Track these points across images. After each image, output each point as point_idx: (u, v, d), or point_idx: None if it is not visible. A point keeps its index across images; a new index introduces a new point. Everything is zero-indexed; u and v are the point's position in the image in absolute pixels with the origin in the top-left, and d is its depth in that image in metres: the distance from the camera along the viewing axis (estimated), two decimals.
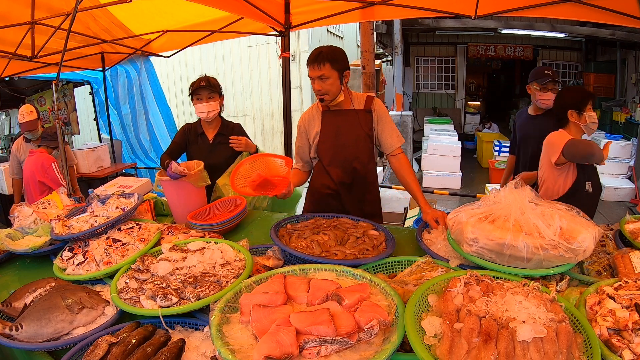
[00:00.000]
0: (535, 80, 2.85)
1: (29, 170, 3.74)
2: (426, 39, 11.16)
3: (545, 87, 2.81)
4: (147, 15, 3.91)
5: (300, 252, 1.60)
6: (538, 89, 2.84)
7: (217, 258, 1.56)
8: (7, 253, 1.96)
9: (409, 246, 1.91)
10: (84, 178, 5.44)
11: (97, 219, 1.89)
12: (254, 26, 4.03)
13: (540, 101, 2.86)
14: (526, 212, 1.40)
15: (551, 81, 2.79)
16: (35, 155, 3.74)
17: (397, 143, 2.26)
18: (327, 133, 2.25)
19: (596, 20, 3.03)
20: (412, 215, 4.49)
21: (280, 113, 5.07)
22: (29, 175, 3.72)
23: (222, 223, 2.07)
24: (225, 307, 1.21)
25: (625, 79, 8.97)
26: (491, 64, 12.65)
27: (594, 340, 1.04)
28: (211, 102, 2.56)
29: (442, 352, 1.02)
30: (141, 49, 4.89)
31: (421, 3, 3.37)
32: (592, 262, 1.51)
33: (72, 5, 2.60)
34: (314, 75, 2.08)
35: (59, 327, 1.31)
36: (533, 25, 8.73)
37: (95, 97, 6.29)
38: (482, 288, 1.22)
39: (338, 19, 3.68)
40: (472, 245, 1.40)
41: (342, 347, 1.04)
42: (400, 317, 1.13)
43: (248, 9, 3.21)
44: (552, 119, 2.84)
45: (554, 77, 2.80)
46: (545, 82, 2.79)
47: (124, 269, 1.57)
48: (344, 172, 2.26)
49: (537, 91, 2.86)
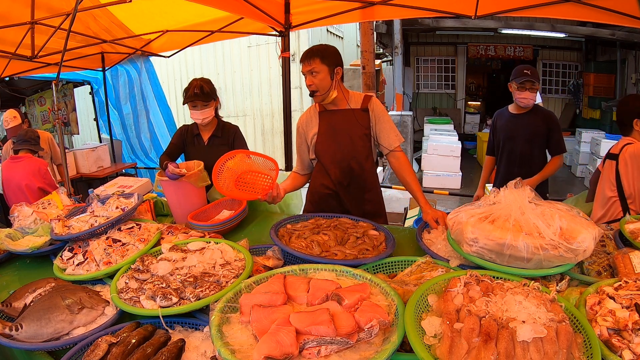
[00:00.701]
0: (514, 79, 2.89)
1: (22, 175, 3.57)
2: (426, 39, 11.15)
3: (523, 86, 2.84)
4: (147, 15, 3.91)
5: (300, 252, 1.60)
6: (516, 88, 2.88)
7: (217, 258, 1.56)
8: (7, 253, 1.96)
9: (409, 246, 1.91)
10: (84, 178, 5.44)
11: (97, 219, 1.89)
12: (254, 26, 4.03)
13: (518, 99, 2.91)
14: (526, 212, 1.40)
15: (528, 80, 2.82)
16: (24, 160, 3.62)
17: (395, 142, 2.26)
18: (324, 133, 2.25)
19: (596, 20, 3.03)
20: (412, 215, 4.49)
21: (280, 113, 5.07)
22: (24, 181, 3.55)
23: (222, 223, 2.07)
24: (225, 307, 1.21)
25: (625, 79, 8.97)
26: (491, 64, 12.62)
27: (594, 340, 1.04)
28: (205, 109, 2.54)
29: (442, 352, 1.02)
30: (141, 49, 4.89)
31: (421, 3, 3.38)
32: (592, 262, 1.51)
33: (72, 5, 2.60)
34: (305, 71, 2.13)
35: (59, 327, 1.31)
36: (533, 25, 8.73)
37: (95, 97, 6.30)
38: (482, 288, 1.22)
39: (338, 19, 3.68)
40: (472, 245, 1.40)
41: (342, 347, 1.04)
42: (400, 317, 1.13)
43: (248, 9, 3.21)
44: (538, 117, 2.94)
45: (532, 77, 2.82)
46: (523, 80, 2.83)
47: (124, 269, 1.57)
48: (342, 171, 2.26)
49: (515, 90, 2.90)
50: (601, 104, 9.03)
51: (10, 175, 3.63)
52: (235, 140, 2.65)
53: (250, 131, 8.90)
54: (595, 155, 7.00)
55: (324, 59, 2.11)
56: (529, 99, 2.87)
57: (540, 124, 2.95)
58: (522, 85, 2.84)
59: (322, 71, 2.11)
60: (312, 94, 2.17)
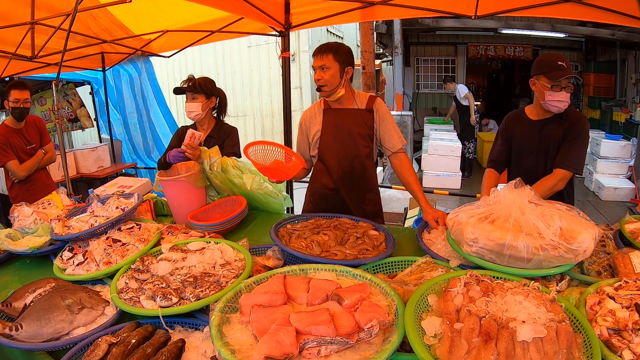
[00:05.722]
0: (545, 75, 2.07)
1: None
2: (426, 39, 11.15)
3: (558, 84, 2.04)
4: (147, 15, 3.91)
5: (300, 252, 1.60)
6: (549, 87, 2.06)
7: (217, 258, 1.56)
8: (7, 253, 1.96)
9: (409, 246, 1.91)
10: (84, 178, 5.44)
11: (97, 219, 1.89)
12: (254, 26, 4.03)
13: (550, 103, 2.09)
14: (526, 213, 1.40)
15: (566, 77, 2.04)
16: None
17: (399, 144, 2.27)
18: (328, 131, 2.25)
19: (596, 20, 3.03)
20: (412, 215, 4.49)
21: (280, 113, 5.08)
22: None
23: (222, 223, 2.06)
24: (225, 307, 1.21)
25: (625, 79, 8.97)
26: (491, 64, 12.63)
27: (594, 340, 1.04)
28: (193, 102, 2.52)
29: (442, 352, 1.02)
30: (141, 49, 4.89)
31: (421, 3, 3.37)
32: (592, 262, 1.51)
33: (72, 5, 2.59)
34: (316, 65, 2.14)
35: (59, 327, 1.31)
36: (533, 25, 8.73)
37: (95, 97, 6.29)
38: (482, 288, 1.22)
39: (338, 19, 3.68)
40: (472, 245, 1.40)
41: (342, 347, 1.04)
42: (400, 317, 1.13)
43: (248, 9, 3.21)
44: (569, 123, 2.15)
45: (570, 72, 2.04)
46: (559, 78, 2.03)
47: (124, 269, 1.57)
48: (344, 170, 2.26)
49: (546, 89, 2.08)
50: (601, 104, 9.03)
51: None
52: (227, 139, 2.62)
53: (250, 131, 8.91)
54: (595, 155, 6.99)
55: (337, 56, 2.12)
56: (565, 102, 2.07)
57: (560, 135, 2.18)
58: (557, 84, 2.04)
59: (333, 68, 2.12)
60: (319, 89, 2.17)
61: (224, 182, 2.31)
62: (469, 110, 7.60)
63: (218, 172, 2.27)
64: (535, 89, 2.16)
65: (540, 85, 2.11)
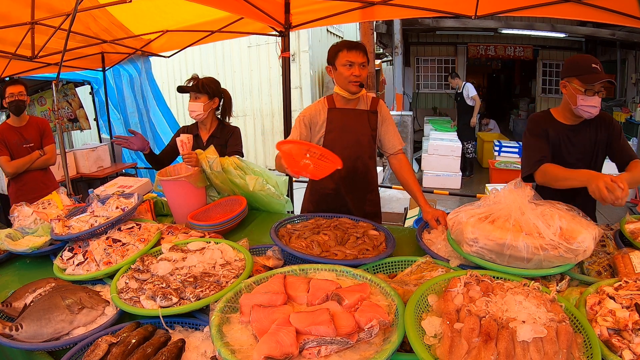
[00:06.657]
0: (578, 77, 1.90)
1: None
2: (426, 39, 11.15)
3: (592, 88, 1.88)
4: (147, 15, 3.91)
5: (300, 252, 1.60)
6: (582, 91, 1.89)
7: (217, 258, 1.56)
8: (7, 253, 1.96)
9: (409, 246, 1.91)
10: (84, 178, 5.44)
11: (97, 219, 1.89)
12: (254, 26, 4.03)
13: (582, 108, 1.92)
14: (526, 212, 1.40)
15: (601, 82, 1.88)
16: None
17: (398, 145, 2.29)
18: (333, 130, 2.24)
19: (596, 20, 3.03)
20: (412, 215, 4.49)
21: (280, 113, 5.07)
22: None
23: (222, 223, 2.06)
24: (225, 307, 1.21)
25: (625, 79, 8.98)
26: (491, 64, 12.65)
27: (594, 340, 1.04)
28: (196, 102, 2.52)
29: (442, 352, 1.02)
30: (141, 49, 4.89)
31: (421, 3, 3.38)
32: (592, 262, 1.51)
33: (72, 5, 2.59)
34: (358, 61, 2.09)
35: (59, 327, 1.31)
36: (533, 25, 8.74)
37: (95, 97, 6.29)
38: (482, 288, 1.22)
39: (338, 19, 3.68)
40: (472, 245, 1.40)
41: (342, 347, 1.04)
42: (400, 317, 1.13)
43: (248, 9, 3.21)
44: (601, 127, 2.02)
45: (605, 75, 1.88)
46: (594, 83, 1.87)
47: (124, 269, 1.57)
48: (347, 170, 2.26)
49: (579, 93, 1.90)
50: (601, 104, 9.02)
51: None
52: (230, 138, 2.62)
53: (250, 131, 8.90)
54: None
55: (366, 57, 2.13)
56: (597, 107, 1.91)
57: (603, 139, 2.05)
58: (591, 88, 1.88)
59: (367, 68, 2.12)
60: (361, 86, 2.13)
61: (224, 182, 2.31)
62: (472, 111, 7.59)
63: (218, 172, 2.26)
64: (566, 92, 1.98)
65: (572, 89, 1.93)
